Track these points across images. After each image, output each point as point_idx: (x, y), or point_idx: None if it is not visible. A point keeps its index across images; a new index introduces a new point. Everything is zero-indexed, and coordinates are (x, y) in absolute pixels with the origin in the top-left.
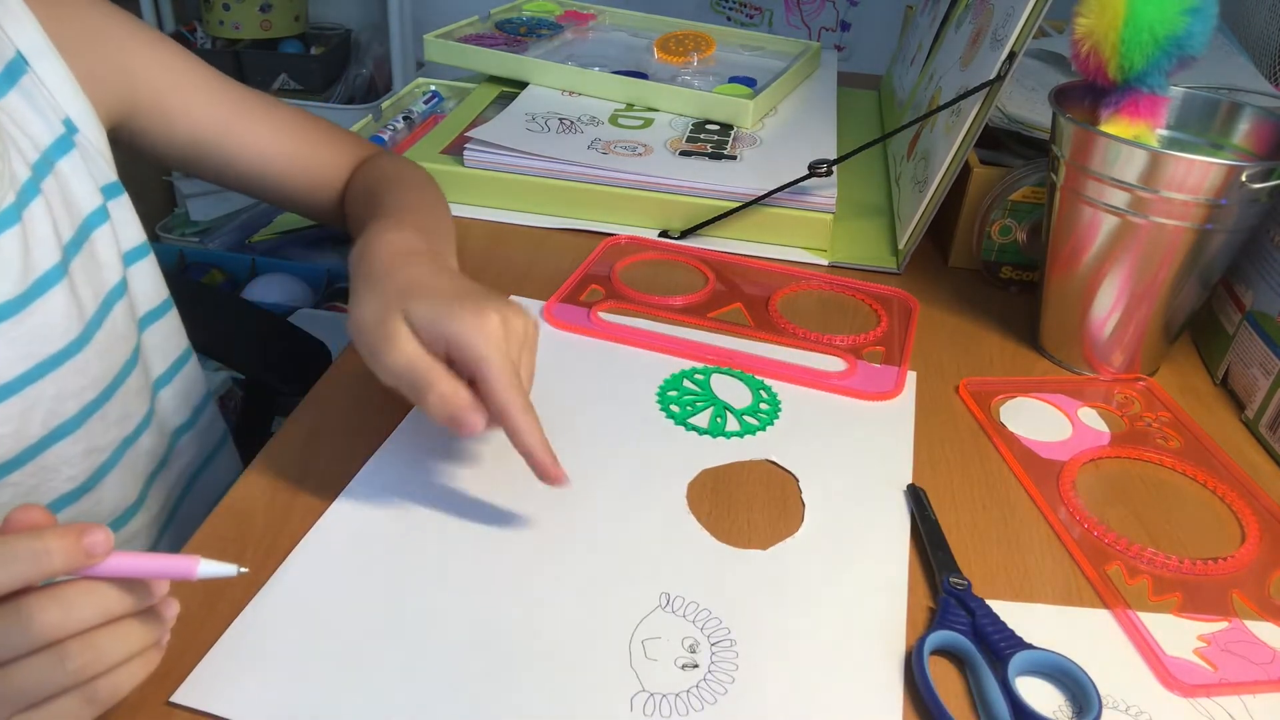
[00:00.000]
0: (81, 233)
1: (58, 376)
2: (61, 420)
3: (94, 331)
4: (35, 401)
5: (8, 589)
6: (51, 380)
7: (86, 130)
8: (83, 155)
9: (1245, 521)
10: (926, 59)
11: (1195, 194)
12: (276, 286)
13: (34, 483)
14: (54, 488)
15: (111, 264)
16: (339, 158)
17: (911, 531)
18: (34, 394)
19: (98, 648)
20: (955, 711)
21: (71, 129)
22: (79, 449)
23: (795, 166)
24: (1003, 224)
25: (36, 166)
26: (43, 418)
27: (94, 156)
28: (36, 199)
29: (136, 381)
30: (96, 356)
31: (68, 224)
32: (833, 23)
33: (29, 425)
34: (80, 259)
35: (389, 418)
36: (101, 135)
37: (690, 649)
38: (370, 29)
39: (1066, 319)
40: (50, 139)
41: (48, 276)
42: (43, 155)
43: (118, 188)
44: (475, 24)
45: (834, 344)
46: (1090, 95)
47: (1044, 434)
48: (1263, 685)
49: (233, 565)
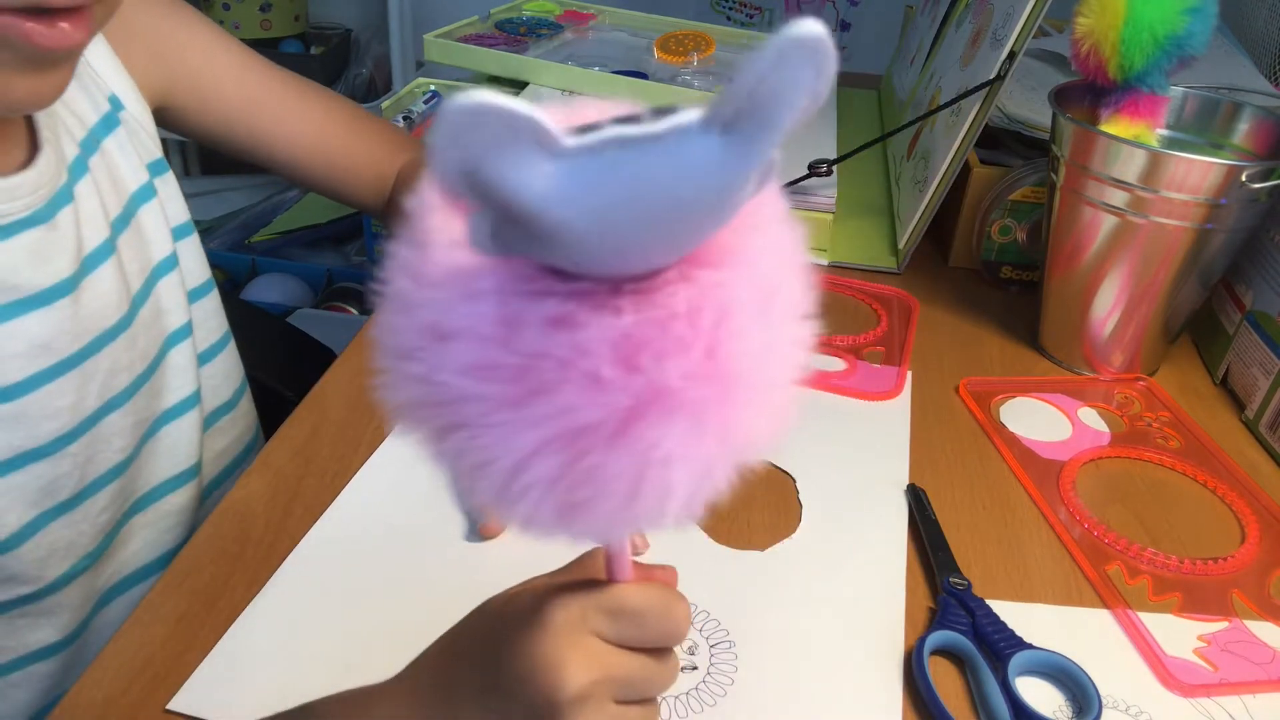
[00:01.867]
0: (128, 209)
1: (111, 350)
2: (114, 393)
3: (140, 307)
4: (91, 375)
5: (676, 643)
6: (106, 354)
7: (132, 107)
8: (128, 132)
9: (1245, 521)
10: (926, 59)
11: (1195, 194)
12: (276, 286)
13: (89, 454)
14: (106, 459)
15: (160, 240)
16: (379, 149)
17: (911, 532)
18: (90, 368)
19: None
20: (955, 711)
21: (117, 106)
22: (129, 421)
23: (795, 166)
24: (1003, 224)
25: (84, 144)
26: (98, 391)
27: (139, 133)
28: (85, 177)
29: (183, 356)
30: (143, 330)
31: (115, 201)
32: (833, 23)
33: (85, 398)
34: (127, 235)
35: (389, 418)
36: (146, 112)
37: (689, 651)
38: (370, 29)
39: (1066, 319)
40: (96, 117)
41: (97, 253)
42: (89, 133)
43: (163, 165)
44: (475, 24)
45: (834, 344)
46: (1090, 95)
47: (1044, 434)
48: (1263, 685)
49: None
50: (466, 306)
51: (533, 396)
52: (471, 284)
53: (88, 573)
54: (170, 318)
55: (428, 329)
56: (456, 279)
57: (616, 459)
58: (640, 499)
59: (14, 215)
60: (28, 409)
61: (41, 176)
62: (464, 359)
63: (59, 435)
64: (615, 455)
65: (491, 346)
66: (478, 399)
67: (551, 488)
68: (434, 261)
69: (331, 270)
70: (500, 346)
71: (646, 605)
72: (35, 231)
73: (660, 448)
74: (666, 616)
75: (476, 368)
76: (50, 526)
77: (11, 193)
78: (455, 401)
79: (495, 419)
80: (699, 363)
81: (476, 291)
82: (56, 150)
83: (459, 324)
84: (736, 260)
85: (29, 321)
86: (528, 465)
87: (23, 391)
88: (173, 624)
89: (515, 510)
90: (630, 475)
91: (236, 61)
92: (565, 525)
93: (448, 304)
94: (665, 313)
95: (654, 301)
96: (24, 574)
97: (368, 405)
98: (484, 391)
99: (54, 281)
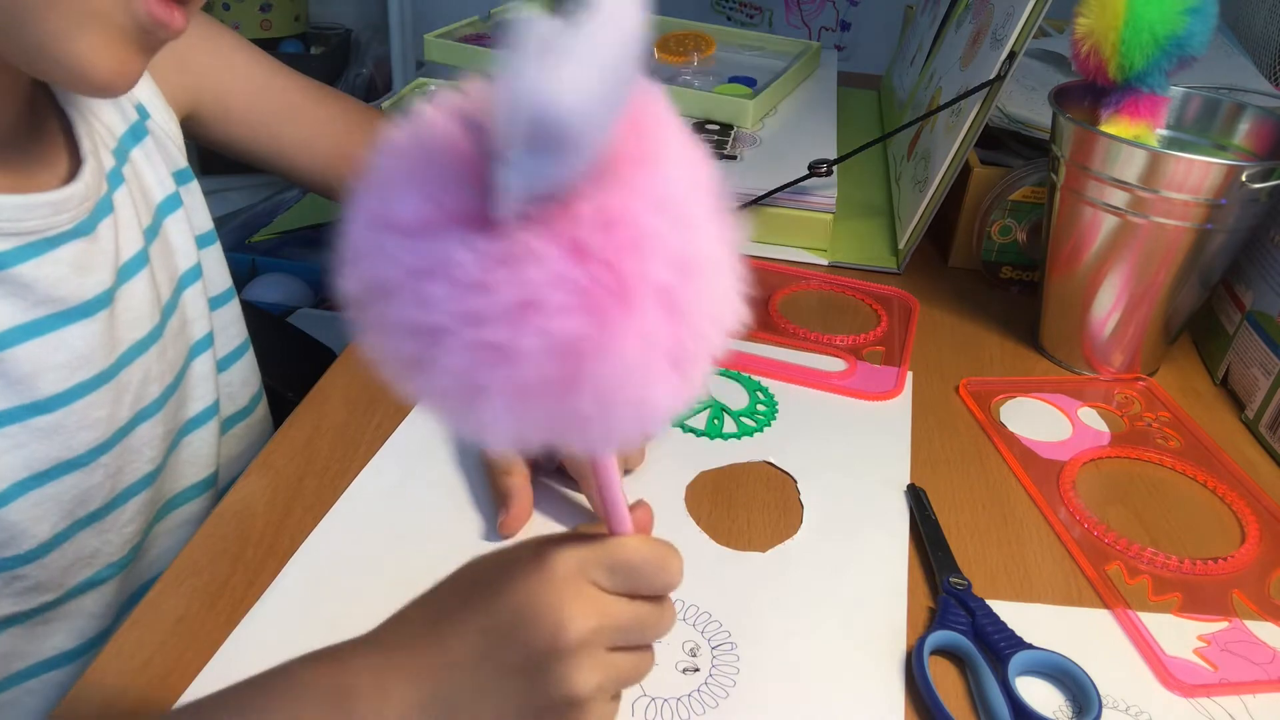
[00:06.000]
0: (156, 219)
1: (143, 361)
2: (145, 404)
3: (169, 316)
4: (125, 386)
5: (669, 591)
6: (139, 365)
7: (158, 116)
8: (155, 142)
9: (1245, 521)
10: (926, 59)
11: (1195, 194)
12: (276, 286)
13: (119, 464)
14: (136, 469)
15: (185, 249)
16: None
17: (911, 532)
18: (125, 378)
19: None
20: (955, 711)
21: (144, 115)
22: (159, 431)
23: (795, 166)
24: (1003, 224)
25: (116, 154)
26: (131, 402)
27: (166, 143)
28: (121, 187)
29: (205, 365)
30: (172, 340)
31: (145, 211)
32: (833, 23)
33: (119, 410)
34: (156, 245)
35: (389, 418)
36: (173, 120)
37: (690, 652)
38: (370, 29)
39: (1066, 319)
40: (125, 127)
41: (131, 263)
42: (119, 143)
43: (188, 174)
44: (475, 24)
45: (834, 344)
46: (1090, 95)
47: (1044, 434)
48: (1263, 685)
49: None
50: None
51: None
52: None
53: (110, 581)
54: (194, 327)
55: (415, 271)
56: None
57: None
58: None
59: (60, 228)
60: (65, 420)
61: (87, 189)
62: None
63: (93, 446)
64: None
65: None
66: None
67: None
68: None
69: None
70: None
71: (643, 558)
72: (79, 243)
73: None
74: (663, 569)
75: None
76: (79, 536)
77: (59, 207)
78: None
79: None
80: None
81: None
82: (97, 161)
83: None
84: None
85: (71, 333)
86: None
87: (62, 403)
88: (172, 624)
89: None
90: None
91: (258, 71)
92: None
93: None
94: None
95: (595, 211)
96: (49, 582)
97: (368, 405)
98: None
99: (95, 293)
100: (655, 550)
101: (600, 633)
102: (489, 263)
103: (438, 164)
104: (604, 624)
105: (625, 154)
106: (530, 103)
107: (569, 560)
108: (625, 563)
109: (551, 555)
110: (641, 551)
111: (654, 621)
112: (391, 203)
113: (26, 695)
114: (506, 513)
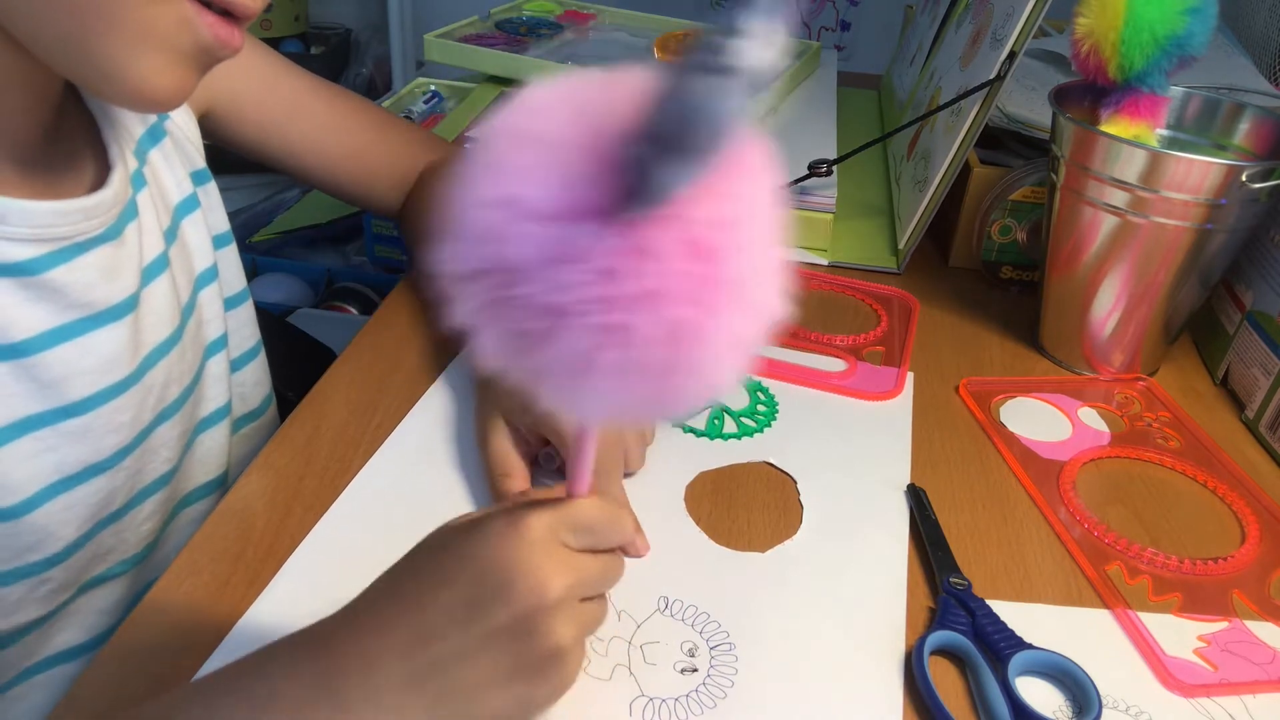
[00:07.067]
0: (174, 221)
1: (165, 364)
2: (165, 405)
3: (187, 318)
4: (149, 389)
5: (618, 545)
6: (161, 368)
7: (178, 117)
8: (174, 143)
9: (1245, 521)
10: (926, 59)
11: (1195, 194)
12: (276, 286)
13: (139, 465)
14: (154, 469)
15: (202, 250)
16: (405, 154)
17: (911, 532)
18: (149, 381)
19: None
20: (955, 711)
21: (163, 116)
22: (176, 432)
23: (795, 166)
24: (1003, 224)
25: (136, 155)
26: (154, 404)
27: (184, 144)
28: (144, 190)
29: (220, 366)
30: (190, 342)
31: (164, 213)
32: (833, 23)
33: (143, 412)
34: (175, 247)
35: (389, 418)
36: (191, 120)
37: (689, 653)
38: (370, 29)
39: (1066, 319)
40: (143, 128)
41: (153, 266)
42: (138, 145)
43: (206, 174)
44: (475, 24)
45: (834, 344)
46: (1090, 95)
47: (1044, 434)
48: (1263, 685)
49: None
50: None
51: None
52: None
53: (122, 578)
54: (209, 328)
55: (550, 256)
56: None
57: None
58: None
59: (90, 233)
60: (94, 424)
61: (116, 195)
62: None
63: (119, 449)
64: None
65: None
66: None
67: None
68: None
69: (331, 270)
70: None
71: (600, 518)
72: (106, 248)
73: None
74: (617, 526)
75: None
76: (99, 536)
77: (90, 213)
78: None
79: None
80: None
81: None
82: (124, 166)
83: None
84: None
85: (99, 337)
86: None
87: (91, 407)
88: (172, 624)
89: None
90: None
91: (271, 72)
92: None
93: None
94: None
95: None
96: (69, 581)
97: (368, 405)
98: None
99: (122, 297)
100: (609, 510)
101: (574, 587)
102: (619, 254)
103: (570, 155)
104: (577, 579)
105: (727, 164)
106: (704, 115)
107: (541, 524)
108: (587, 522)
109: (525, 520)
110: (599, 512)
111: (613, 572)
112: (527, 189)
113: (35, 689)
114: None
